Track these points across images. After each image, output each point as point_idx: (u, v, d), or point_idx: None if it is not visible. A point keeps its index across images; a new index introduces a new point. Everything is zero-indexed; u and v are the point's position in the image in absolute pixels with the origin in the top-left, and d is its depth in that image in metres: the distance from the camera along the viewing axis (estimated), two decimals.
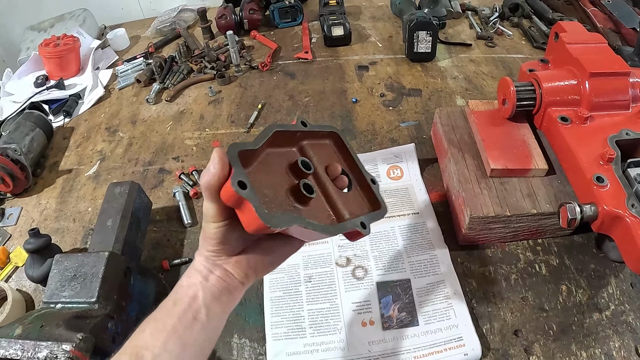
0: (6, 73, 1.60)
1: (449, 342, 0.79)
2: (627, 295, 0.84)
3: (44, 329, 0.69)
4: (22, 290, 0.97)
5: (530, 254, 0.91)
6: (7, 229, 1.11)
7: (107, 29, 1.87)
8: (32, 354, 0.66)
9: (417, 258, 0.91)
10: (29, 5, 1.89)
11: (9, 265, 1.02)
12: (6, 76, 1.59)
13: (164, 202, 1.10)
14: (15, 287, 0.96)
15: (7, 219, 1.14)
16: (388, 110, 1.28)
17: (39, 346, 0.66)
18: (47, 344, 0.66)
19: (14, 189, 1.16)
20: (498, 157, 0.90)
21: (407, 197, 1.02)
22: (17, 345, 0.67)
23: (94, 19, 1.86)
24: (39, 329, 0.69)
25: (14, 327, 0.70)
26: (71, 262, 0.81)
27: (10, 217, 1.14)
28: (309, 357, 0.80)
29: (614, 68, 0.89)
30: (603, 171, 0.78)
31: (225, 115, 1.33)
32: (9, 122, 1.36)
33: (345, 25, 1.54)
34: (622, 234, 0.73)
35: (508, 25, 1.61)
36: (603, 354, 0.77)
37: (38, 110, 1.38)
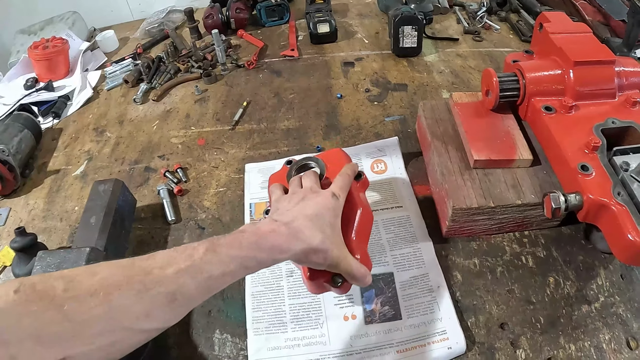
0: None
1: (433, 336, 0.78)
2: (617, 286, 0.83)
3: None
4: None
5: (516, 246, 0.90)
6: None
7: (97, 31, 1.87)
8: None
9: (400, 251, 0.90)
10: (20, 10, 1.89)
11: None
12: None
13: (149, 200, 1.10)
14: None
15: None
16: (373, 105, 1.28)
17: None
18: None
19: (2, 190, 1.16)
20: (481, 148, 0.90)
21: (390, 190, 1.02)
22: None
23: (83, 22, 1.86)
24: None
25: None
26: (53, 258, 0.81)
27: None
28: (290, 352, 0.79)
29: (598, 56, 0.88)
30: (588, 160, 0.77)
31: (211, 114, 1.33)
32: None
33: (331, 22, 1.54)
34: (608, 223, 0.72)
35: (496, 19, 1.61)
36: (593, 347, 0.76)
37: (27, 112, 1.38)
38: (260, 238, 0.60)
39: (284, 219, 0.65)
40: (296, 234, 0.63)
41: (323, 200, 0.70)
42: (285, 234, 0.63)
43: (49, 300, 0.48)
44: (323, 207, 0.69)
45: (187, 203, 1.07)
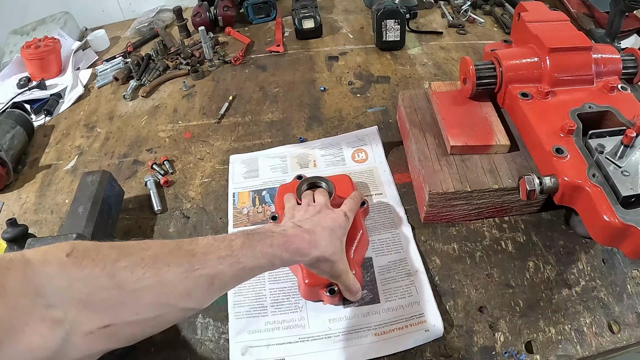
0: None
1: (410, 319, 0.79)
2: (599, 271, 0.84)
3: None
4: None
5: (496, 232, 0.91)
6: None
7: (88, 30, 1.89)
8: None
9: (379, 237, 0.92)
10: (12, 11, 1.90)
11: None
12: None
13: (137, 192, 1.11)
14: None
15: None
16: (356, 97, 1.30)
17: None
18: None
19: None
20: (458, 135, 0.91)
21: (371, 178, 1.03)
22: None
23: (75, 22, 1.87)
24: None
25: None
26: (41, 244, 0.83)
27: None
28: (270, 335, 0.80)
29: (574, 43, 0.89)
30: (563, 143, 0.78)
31: (198, 108, 1.35)
32: None
33: (315, 17, 1.56)
34: (584, 205, 0.74)
35: (480, 13, 1.63)
36: (573, 330, 0.76)
37: (20, 110, 1.39)
38: (288, 240, 0.66)
39: (306, 226, 0.72)
40: (316, 242, 0.70)
41: (337, 217, 0.78)
42: (307, 240, 0.69)
43: (102, 267, 0.50)
44: (337, 223, 0.77)
45: (173, 194, 1.09)
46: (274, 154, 1.13)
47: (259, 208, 1.01)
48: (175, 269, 0.54)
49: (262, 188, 1.05)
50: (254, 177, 1.08)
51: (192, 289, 0.56)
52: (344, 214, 0.79)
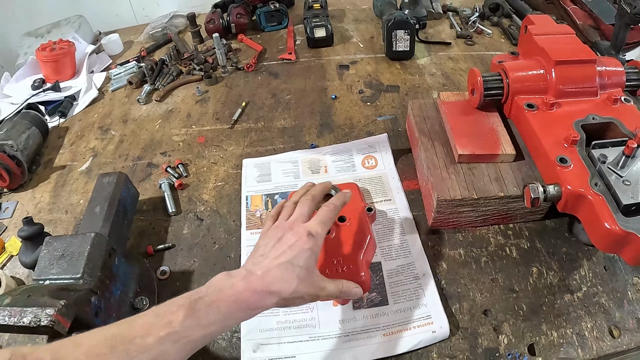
0: (4, 77, 1.65)
1: (418, 320, 0.82)
2: (600, 277, 0.87)
3: (31, 298, 0.73)
4: (15, 277, 1.00)
5: (501, 238, 0.94)
6: (3, 221, 1.15)
7: (102, 34, 1.92)
8: (18, 319, 0.70)
9: (388, 243, 0.95)
10: (25, 13, 1.93)
11: (4, 254, 1.06)
12: (4, 79, 1.64)
13: (151, 194, 1.14)
14: (10, 274, 1.00)
15: (3, 212, 1.18)
16: (366, 106, 1.33)
17: (25, 312, 0.70)
18: (32, 309, 0.70)
19: (10, 184, 1.20)
20: (466, 144, 0.94)
21: (380, 185, 1.06)
22: (5, 312, 0.71)
23: (89, 25, 1.91)
24: (25, 298, 0.74)
25: (4, 298, 0.75)
26: (60, 243, 0.85)
27: (6, 210, 1.18)
28: (281, 333, 0.83)
29: (579, 56, 0.92)
30: (567, 153, 0.81)
31: (211, 113, 1.38)
32: (6, 123, 1.41)
33: (327, 27, 1.59)
34: (586, 212, 0.77)
35: (488, 24, 1.66)
36: (575, 334, 0.79)
37: (34, 111, 1.42)
38: (237, 299, 0.62)
39: (258, 271, 0.66)
40: (269, 288, 0.64)
41: (298, 243, 0.69)
42: (259, 291, 0.64)
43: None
44: (298, 250, 0.68)
45: (187, 196, 1.12)
46: (286, 159, 1.16)
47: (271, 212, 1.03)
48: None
49: (274, 192, 1.08)
50: (266, 181, 1.11)
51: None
52: (307, 234, 0.70)
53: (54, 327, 0.70)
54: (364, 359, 0.79)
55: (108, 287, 0.84)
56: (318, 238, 0.72)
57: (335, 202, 0.78)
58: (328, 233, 0.81)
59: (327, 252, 0.85)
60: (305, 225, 0.72)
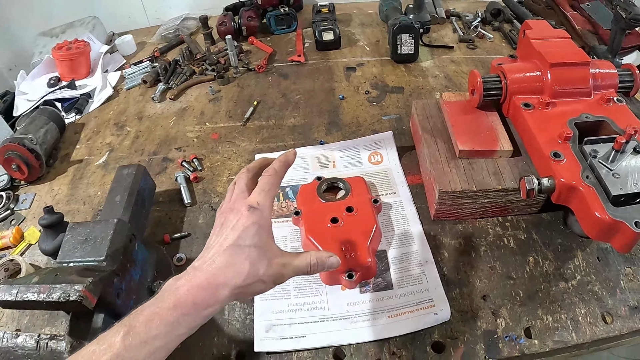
0: (20, 74, 1.70)
1: (421, 303, 0.87)
2: (594, 267, 0.91)
3: (58, 277, 0.78)
4: (34, 265, 1.05)
5: (499, 229, 0.99)
6: (21, 212, 1.20)
7: (115, 35, 1.98)
8: (47, 295, 0.74)
9: (392, 232, 1.01)
10: (40, 14, 1.98)
11: (23, 242, 1.11)
12: (20, 77, 1.69)
13: (167, 186, 1.20)
14: (29, 262, 1.04)
15: (22, 203, 1.23)
16: (372, 105, 1.39)
17: (54, 288, 0.75)
18: (61, 285, 0.75)
19: (28, 176, 1.25)
20: (466, 140, 1.00)
21: (386, 179, 1.12)
22: (35, 289, 0.76)
23: (102, 26, 1.96)
24: (53, 277, 0.78)
25: (32, 277, 0.79)
26: (83, 228, 0.90)
27: (25, 201, 1.23)
28: (292, 315, 0.88)
29: (574, 59, 0.98)
30: (560, 148, 0.87)
31: (224, 111, 1.44)
32: (24, 118, 1.47)
33: (335, 30, 1.65)
34: (578, 203, 0.82)
35: (490, 29, 1.72)
36: (569, 319, 0.83)
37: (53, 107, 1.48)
38: (177, 304, 0.56)
39: (202, 265, 0.60)
40: (216, 280, 0.58)
41: (240, 221, 0.62)
42: (205, 286, 0.57)
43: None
44: (241, 230, 0.61)
45: (201, 189, 1.17)
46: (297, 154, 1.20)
47: (282, 203, 1.09)
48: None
49: (285, 185, 1.13)
50: None
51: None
52: (248, 208, 0.63)
53: (82, 302, 0.74)
54: (370, 338, 0.84)
55: (128, 271, 0.89)
56: (263, 209, 0.64)
57: (275, 166, 0.70)
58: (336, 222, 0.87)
59: (336, 240, 0.91)
60: (245, 200, 0.65)
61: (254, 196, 0.66)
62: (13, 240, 1.10)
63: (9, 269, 1.04)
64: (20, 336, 0.80)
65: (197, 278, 0.58)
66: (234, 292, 0.59)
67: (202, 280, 0.58)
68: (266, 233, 0.64)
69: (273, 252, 0.64)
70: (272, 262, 0.63)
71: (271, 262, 0.62)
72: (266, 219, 0.65)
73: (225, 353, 0.85)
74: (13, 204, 1.23)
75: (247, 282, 0.59)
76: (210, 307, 0.58)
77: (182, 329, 0.56)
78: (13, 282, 0.79)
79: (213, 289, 0.58)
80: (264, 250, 0.62)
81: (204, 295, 0.57)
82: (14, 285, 0.78)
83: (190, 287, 0.57)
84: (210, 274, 0.58)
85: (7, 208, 1.21)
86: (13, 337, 0.81)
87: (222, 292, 0.58)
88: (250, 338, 0.86)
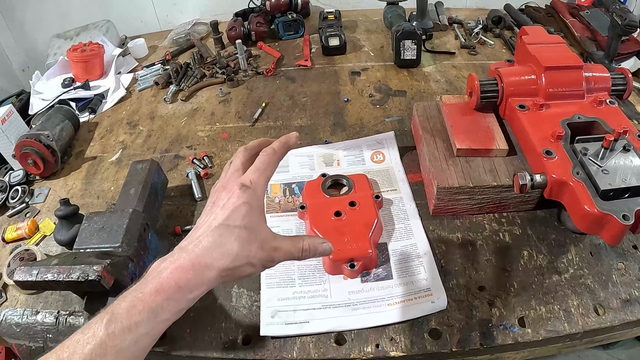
0: (36, 74, 1.76)
1: (419, 292, 0.91)
2: (587, 261, 0.94)
3: (77, 260, 0.83)
4: (49, 254, 1.09)
5: (495, 225, 1.03)
6: (36, 205, 1.25)
7: (128, 38, 2.04)
8: (67, 275, 0.79)
9: (393, 226, 1.05)
10: (55, 16, 2.05)
11: (38, 234, 1.15)
12: (36, 77, 1.75)
13: (178, 182, 1.24)
14: (43, 252, 1.09)
15: (36, 197, 1.27)
16: (375, 108, 1.44)
17: (73, 269, 0.79)
18: (80, 266, 0.79)
19: (43, 171, 1.30)
20: (464, 139, 1.04)
21: (387, 177, 1.17)
22: (55, 269, 0.80)
23: (115, 30, 2.02)
24: (72, 260, 0.83)
25: (51, 260, 0.85)
26: (99, 217, 0.95)
27: (39, 196, 1.28)
28: (297, 302, 0.92)
29: (567, 62, 1.02)
30: (552, 146, 0.90)
31: (233, 112, 1.49)
32: (39, 116, 1.53)
33: (340, 36, 1.70)
34: (568, 197, 0.86)
35: (491, 36, 1.76)
36: (562, 310, 0.86)
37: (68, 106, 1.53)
38: (160, 288, 0.53)
39: (189, 245, 0.57)
40: (203, 260, 0.55)
41: (231, 200, 0.60)
42: (189, 267, 0.54)
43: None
44: (232, 209, 0.59)
45: (211, 184, 1.19)
46: (303, 153, 1.26)
47: (289, 198, 1.14)
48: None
49: (292, 181, 1.18)
50: (284, 171, 1.21)
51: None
52: (240, 186, 0.60)
53: (100, 282, 0.78)
54: (370, 324, 0.88)
55: (142, 258, 0.94)
56: (256, 188, 0.61)
57: (274, 145, 0.67)
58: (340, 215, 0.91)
59: (339, 231, 0.96)
60: (239, 178, 0.62)
61: (247, 174, 0.62)
62: (28, 232, 1.15)
63: (25, 258, 1.08)
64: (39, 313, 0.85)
65: (181, 259, 0.55)
66: (221, 274, 0.56)
67: (186, 262, 0.55)
68: (258, 214, 0.60)
69: (264, 235, 0.61)
70: (263, 245, 0.60)
71: (262, 245, 0.59)
72: (259, 199, 0.61)
73: (233, 337, 0.89)
74: (28, 197, 1.28)
75: (235, 264, 0.57)
76: (196, 290, 0.55)
77: (166, 313, 0.53)
78: (33, 264, 0.84)
79: (198, 271, 0.54)
80: (254, 232, 0.59)
81: (188, 277, 0.54)
82: (35, 267, 0.83)
83: (173, 270, 0.54)
84: (195, 255, 0.55)
85: (22, 201, 1.26)
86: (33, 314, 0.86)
87: (208, 274, 0.55)
88: (257, 323, 0.90)
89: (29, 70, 2.08)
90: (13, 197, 1.27)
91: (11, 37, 2.07)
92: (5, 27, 2.03)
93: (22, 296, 1.00)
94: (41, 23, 2.05)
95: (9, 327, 0.91)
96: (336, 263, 0.94)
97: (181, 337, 0.90)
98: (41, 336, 0.87)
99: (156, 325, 0.52)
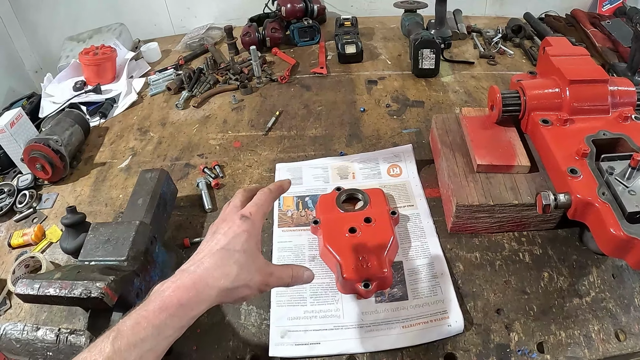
0: (47, 77, 1.75)
1: (435, 315, 0.88)
2: (608, 284, 0.91)
3: (80, 274, 0.80)
4: (54, 262, 1.08)
5: (515, 244, 1.00)
6: (43, 211, 1.24)
7: (141, 42, 2.03)
8: (69, 291, 0.77)
9: (409, 244, 1.01)
10: (68, 19, 2.05)
11: (44, 240, 1.14)
12: (47, 80, 1.74)
13: (188, 192, 1.22)
14: (49, 259, 1.07)
15: (44, 202, 1.26)
16: (392, 119, 1.40)
17: (76, 284, 0.77)
18: (83, 282, 0.77)
19: (52, 176, 1.29)
20: (484, 155, 1.01)
21: (404, 192, 1.13)
22: (57, 284, 0.78)
23: (129, 33, 2.01)
24: (75, 274, 0.81)
25: (54, 273, 0.82)
26: (106, 229, 0.93)
27: (47, 201, 1.26)
28: (308, 322, 0.89)
29: (592, 76, 0.98)
30: (577, 164, 0.87)
31: (246, 120, 1.46)
32: (49, 120, 1.51)
33: (357, 44, 1.67)
34: (593, 219, 0.82)
35: (510, 45, 1.73)
36: (582, 335, 0.83)
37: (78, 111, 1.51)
38: (163, 306, 0.57)
39: (191, 267, 0.63)
40: (205, 281, 0.61)
41: (232, 228, 0.67)
42: (191, 287, 0.59)
43: None
44: (232, 236, 0.65)
45: (222, 195, 1.20)
46: (317, 165, 1.23)
47: (302, 212, 1.11)
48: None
49: (305, 194, 1.15)
50: (297, 184, 1.18)
51: None
52: (240, 217, 0.68)
53: (102, 299, 0.76)
54: (383, 348, 0.85)
55: (148, 272, 0.92)
56: (254, 220, 0.69)
57: (270, 187, 0.76)
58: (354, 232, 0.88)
59: (354, 249, 0.93)
60: (239, 211, 0.70)
61: (247, 208, 0.71)
62: (34, 238, 1.13)
63: (30, 266, 1.07)
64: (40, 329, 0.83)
65: (184, 279, 0.60)
66: (221, 294, 0.61)
67: (188, 281, 0.60)
68: (255, 242, 0.68)
69: (260, 261, 0.67)
70: (260, 270, 0.66)
71: (259, 269, 0.66)
72: (257, 229, 0.69)
73: (240, 356, 0.86)
74: (36, 202, 1.26)
75: (235, 285, 0.62)
76: (197, 307, 0.60)
77: (169, 330, 0.57)
78: (35, 277, 0.82)
79: (199, 289, 0.60)
80: (252, 258, 0.66)
81: (189, 295, 0.59)
82: (37, 280, 0.81)
83: (175, 288, 0.59)
84: (197, 275, 0.61)
85: (29, 206, 1.25)
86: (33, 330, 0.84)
87: (208, 292, 0.60)
88: (265, 343, 0.87)
89: (42, 72, 2.07)
90: (21, 201, 1.26)
91: (25, 39, 2.05)
92: (19, 29, 2.02)
93: (27, 305, 0.98)
94: (54, 25, 2.05)
95: (9, 342, 0.89)
96: (350, 282, 0.90)
97: (187, 354, 0.87)
98: (41, 354, 0.85)
99: (160, 341, 0.56)
